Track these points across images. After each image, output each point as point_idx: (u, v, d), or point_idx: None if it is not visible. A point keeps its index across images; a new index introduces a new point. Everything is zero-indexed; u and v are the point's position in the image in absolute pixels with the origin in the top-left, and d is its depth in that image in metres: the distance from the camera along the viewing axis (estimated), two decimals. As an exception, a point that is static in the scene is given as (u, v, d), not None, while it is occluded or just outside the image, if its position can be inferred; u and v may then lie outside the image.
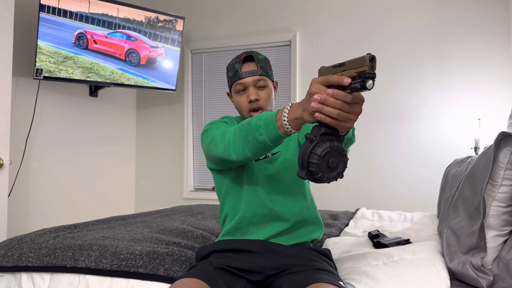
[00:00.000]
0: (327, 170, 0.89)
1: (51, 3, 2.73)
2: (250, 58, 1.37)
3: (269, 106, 1.36)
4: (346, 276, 1.27)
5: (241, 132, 1.11)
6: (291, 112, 0.99)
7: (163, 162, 3.85)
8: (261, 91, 1.35)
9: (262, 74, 1.36)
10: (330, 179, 0.91)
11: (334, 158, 0.90)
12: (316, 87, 0.89)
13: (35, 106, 2.89)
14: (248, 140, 1.09)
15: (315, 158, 0.88)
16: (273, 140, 1.05)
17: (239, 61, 1.36)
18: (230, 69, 1.39)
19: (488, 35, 2.96)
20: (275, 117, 1.02)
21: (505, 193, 1.21)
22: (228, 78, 1.40)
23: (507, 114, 2.73)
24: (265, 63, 1.38)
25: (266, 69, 1.37)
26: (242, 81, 1.35)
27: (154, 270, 1.33)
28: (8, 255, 1.49)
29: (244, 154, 1.12)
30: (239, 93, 1.36)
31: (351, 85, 0.85)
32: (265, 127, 1.04)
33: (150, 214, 2.26)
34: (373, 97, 3.21)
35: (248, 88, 1.35)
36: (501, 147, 1.22)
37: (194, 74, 3.78)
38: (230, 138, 1.16)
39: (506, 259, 1.15)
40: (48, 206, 3.01)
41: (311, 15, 3.41)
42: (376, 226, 2.05)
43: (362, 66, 0.83)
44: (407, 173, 3.11)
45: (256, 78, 1.34)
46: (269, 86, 1.37)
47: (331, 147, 0.89)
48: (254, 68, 1.35)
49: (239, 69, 1.35)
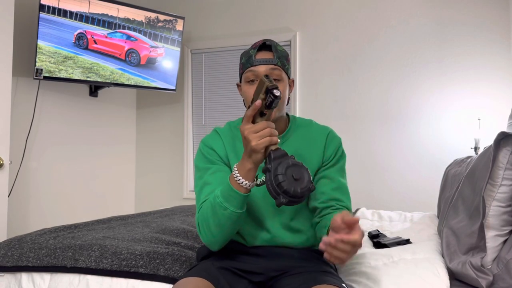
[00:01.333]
0: (296, 182, 0.96)
1: (51, 3, 2.73)
2: (267, 46, 1.23)
3: (281, 103, 1.22)
4: (346, 277, 1.27)
5: (214, 223, 1.11)
6: (240, 169, 1.07)
7: (163, 162, 3.85)
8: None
9: (278, 64, 1.21)
10: (304, 190, 0.97)
11: (295, 170, 0.98)
12: (249, 133, 1.01)
13: (35, 106, 2.89)
14: (222, 224, 1.10)
15: (280, 178, 0.96)
16: (240, 205, 1.09)
17: (255, 48, 1.23)
18: (243, 56, 1.25)
19: (488, 35, 2.96)
20: (229, 185, 1.08)
21: (505, 193, 1.21)
22: (240, 66, 1.27)
23: (507, 114, 2.72)
24: (284, 55, 1.24)
25: (284, 62, 1.23)
26: (254, 69, 1.20)
27: (154, 270, 1.33)
28: (8, 255, 1.49)
29: (223, 237, 1.13)
30: (248, 82, 1.22)
31: (266, 103, 1.02)
32: (226, 200, 1.08)
33: (150, 214, 2.26)
34: (373, 97, 3.22)
35: (259, 78, 1.20)
36: (501, 147, 1.22)
37: (194, 74, 3.78)
38: (206, 233, 1.14)
39: (506, 259, 1.15)
40: (48, 206, 3.01)
41: (311, 15, 3.41)
42: (376, 226, 2.05)
43: (263, 86, 1.02)
44: (407, 173, 3.11)
45: (271, 67, 1.20)
46: (284, 80, 1.22)
47: (287, 164, 0.98)
48: (270, 56, 1.21)
49: (253, 55, 1.21)
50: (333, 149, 1.28)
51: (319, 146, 1.28)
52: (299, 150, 1.27)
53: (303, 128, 1.31)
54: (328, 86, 3.33)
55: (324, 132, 1.31)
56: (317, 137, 1.30)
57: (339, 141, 1.32)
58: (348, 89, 3.29)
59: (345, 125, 3.26)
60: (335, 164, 1.28)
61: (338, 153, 1.29)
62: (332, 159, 1.28)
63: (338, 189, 1.23)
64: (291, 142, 1.28)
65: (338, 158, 1.29)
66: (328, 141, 1.29)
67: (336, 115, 3.30)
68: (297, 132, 1.30)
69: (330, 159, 1.28)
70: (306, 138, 1.30)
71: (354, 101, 3.27)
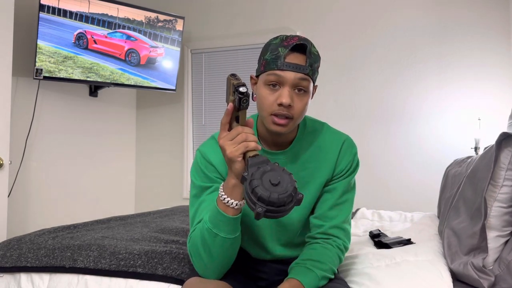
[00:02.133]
0: (273, 188, 0.83)
1: (51, 3, 2.72)
2: (302, 48, 1.03)
3: (301, 118, 1.06)
4: (348, 278, 1.26)
5: (205, 252, 1.01)
6: (225, 187, 0.96)
7: (163, 162, 3.84)
8: (299, 96, 1.03)
9: (309, 74, 1.03)
10: (283, 196, 0.82)
11: (273, 175, 0.85)
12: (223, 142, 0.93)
13: (35, 106, 2.89)
14: (213, 252, 1.00)
15: (255, 183, 0.83)
16: (232, 230, 0.98)
17: (287, 46, 1.02)
18: (270, 50, 1.04)
19: (488, 35, 2.95)
20: (217, 208, 0.97)
21: (507, 193, 1.20)
22: (262, 61, 1.06)
23: (507, 114, 2.72)
24: (317, 60, 1.05)
25: (315, 69, 1.05)
26: (281, 73, 1.01)
27: (153, 270, 1.32)
28: (7, 255, 1.49)
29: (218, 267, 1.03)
30: (269, 86, 1.03)
31: (236, 102, 0.93)
32: (214, 225, 0.97)
33: (149, 214, 2.26)
34: (373, 97, 3.21)
35: (284, 85, 1.02)
36: (502, 148, 1.21)
37: (194, 74, 3.78)
38: (199, 263, 1.04)
39: (507, 260, 1.15)
40: (48, 206, 3.01)
41: (311, 15, 3.40)
42: (376, 226, 2.05)
43: (231, 85, 0.93)
44: (407, 173, 3.11)
45: (300, 77, 1.01)
46: (309, 92, 1.05)
47: (265, 169, 0.86)
48: (302, 62, 1.02)
49: (282, 55, 1.01)
50: (347, 162, 1.15)
51: (331, 158, 1.14)
52: (307, 163, 1.13)
53: (313, 135, 1.16)
54: (328, 86, 3.32)
55: (338, 142, 1.16)
56: (329, 148, 1.15)
57: (354, 152, 1.17)
58: (348, 89, 3.28)
59: (345, 125, 3.25)
60: (346, 178, 1.15)
61: (351, 167, 1.16)
62: (344, 174, 1.15)
63: (336, 206, 1.13)
64: (299, 153, 1.14)
65: (350, 172, 1.16)
66: (342, 153, 1.14)
67: (336, 115, 3.29)
68: (307, 140, 1.15)
69: (342, 173, 1.15)
70: (316, 148, 1.15)
71: (354, 101, 3.26)
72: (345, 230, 1.15)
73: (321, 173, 1.13)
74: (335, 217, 1.13)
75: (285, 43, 1.02)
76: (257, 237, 1.16)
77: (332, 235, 1.12)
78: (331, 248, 1.11)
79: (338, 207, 1.14)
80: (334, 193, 1.14)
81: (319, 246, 1.10)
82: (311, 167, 1.14)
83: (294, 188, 0.84)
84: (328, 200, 1.14)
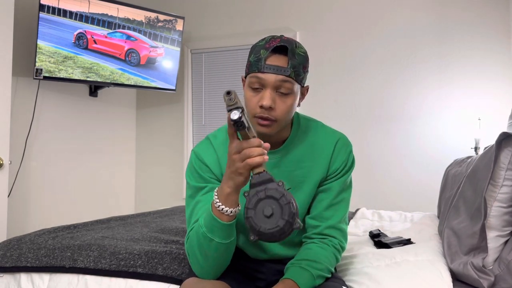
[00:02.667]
0: (265, 220, 0.84)
1: (51, 3, 2.72)
2: (283, 49, 1.01)
3: (285, 119, 1.05)
4: (347, 277, 1.26)
5: (201, 255, 1.01)
6: (219, 194, 0.96)
7: (163, 162, 3.84)
8: (282, 98, 1.02)
9: (291, 75, 1.01)
10: (272, 231, 0.83)
11: (267, 205, 0.85)
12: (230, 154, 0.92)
13: (35, 106, 2.89)
14: (209, 256, 1.01)
15: (249, 213, 0.85)
16: (227, 235, 0.98)
17: (268, 48, 1.01)
18: (254, 52, 1.04)
19: (488, 35, 2.95)
20: (211, 214, 0.97)
21: (506, 193, 1.20)
22: (247, 63, 1.06)
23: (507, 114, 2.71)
24: (301, 61, 1.03)
25: (299, 71, 1.03)
26: (261, 76, 1.01)
27: (153, 270, 1.32)
28: (7, 255, 1.49)
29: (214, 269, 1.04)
30: (251, 89, 1.04)
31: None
32: (209, 230, 0.98)
33: (149, 214, 2.26)
34: (373, 97, 3.21)
35: (265, 88, 1.02)
36: (502, 148, 1.21)
37: (194, 74, 3.78)
38: (195, 265, 1.04)
39: (507, 260, 1.15)
40: (48, 206, 3.01)
41: (311, 15, 3.40)
42: (376, 226, 2.05)
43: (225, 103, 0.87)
44: (407, 173, 3.11)
45: (280, 79, 1.00)
46: (293, 94, 1.03)
47: (261, 195, 0.85)
48: (283, 64, 1.01)
49: (263, 57, 1.01)
50: (341, 161, 1.13)
51: (325, 157, 1.13)
52: (302, 162, 1.13)
53: (307, 134, 1.16)
54: (328, 86, 3.32)
55: (332, 141, 1.15)
56: (323, 146, 1.14)
57: (349, 151, 1.16)
58: (348, 89, 3.28)
59: (345, 125, 3.24)
60: (341, 177, 1.14)
61: (346, 165, 1.14)
62: (338, 173, 1.14)
63: (331, 206, 1.13)
64: (292, 152, 1.13)
65: (345, 171, 1.14)
66: (335, 152, 1.13)
67: (336, 115, 3.29)
68: (301, 139, 1.15)
69: (336, 172, 1.14)
70: (310, 147, 1.14)
71: (354, 101, 3.26)
72: (342, 230, 1.15)
73: (316, 172, 1.13)
74: (331, 217, 1.13)
75: (267, 45, 1.02)
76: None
77: (328, 235, 1.12)
78: (327, 248, 1.10)
79: (334, 207, 1.13)
80: (330, 193, 1.14)
81: (315, 246, 1.10)
82: (305, 166, 1.13)
83: (290, 218, 0.83)
84: (323, 200, 1.14)
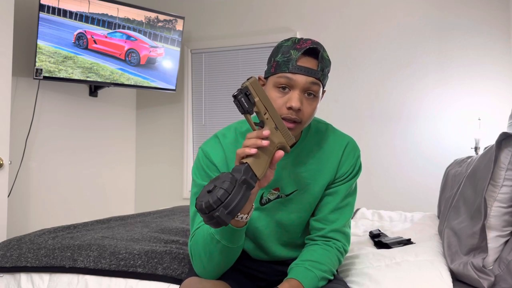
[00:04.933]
0: (204, 194, 0.85)
1: (51, 3, 2.72)
2: (314, 52, 1.02)
3: (309, 122, 1.06)
4: (348, 278, 1.26)
5: (206, 256, 1.01)
6: None
7: (163, 162, 3.84)
8: (308, 100, 1.03)
9: (320, 78, 1.02)
10: (200, 203, 0.84)
11: (213, 183, 0.86)
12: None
13: (35, 106, 2.89)
14: (214, 257, 1.01)
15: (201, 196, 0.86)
16: (236, 239, 0.99)
17: (299, 49, 1.01)
18: (281, 52, 1.03)
19: (488, 35, 2.95)
20: None
21: (506, 193, 1.20)
22: (272, 62, 1.04)
23: (508, 114, 2.72)
24: (327, 65, 1.05)
25: (325, 74, 1.05)
26: (292, 76, 1.00)
27: (153, 270, 1.32)
28: (7, 255, 1.49)
29: (216, 270, 1.04)
30: (278, 88, 1.02)
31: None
32: (218, 232, 0.97)
33: (149, 214, 2.25)
34: (373, 97, 3.21)
35: (294, 89, 1.01)
36: (502, 148, 1.21)
37: (194, 74, 3.78)
38: (198, 265, 1.04)
39: (507, 260, 1.15)
40: (47, 206, 3.01)
41: (311, 15, 3.40)
42: (376, 226, 2.05)
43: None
44: (407, 173, 3.11)
45: (311, 81, 1.01)
46: (318, 97, 1.05)
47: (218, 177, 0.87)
48: (314, 66, 1.01)
49: (295, 58, 1.00)
50: (349, 165, 1.14)
51: (334, 161, 1.13)
52: (310, 164, 1.13)
53: (317, 136, 1.16)
54: (328, 86, 3.32)
55: (341, 144, 1.15)
56: (332, 149, 1.14)
57: (357, 155, 1.16)
58: (348, 89, 3.28)
59: (345, 125, 3.25)
60: (348, 181, 1.15)
61: (354, 170, 1.15)
62: (346, 177, 1.14)
63: (337, 210, 1.13)
64: (302, 154, 1.13)
65: (353, 175, 1.15)
66: (344, 156, 1.14)
67: (336, 115, 3.29)
68: (310, 141, 1.15)
69: (344, 176, 1.14)
70: (320, 149, 1.14)
71: (354, 101, 3.27)
72: (345, 234, 1.15)
73: (323, 175, 1.13)
74: (335, 220, 1.13)
75: (298, 46, 1.01)
76: (256, 238, 1.16)
77: (332, 238, 1.12)
78: (331, 250, 1.10)
79: (339, 210, 1.14)
80: (336, 196, 1.14)
81: (318, 248, 1.10)
82: (313, 168, 1.13)
83: (214, 203, 0.82)
84: (329, 203, 1.14)
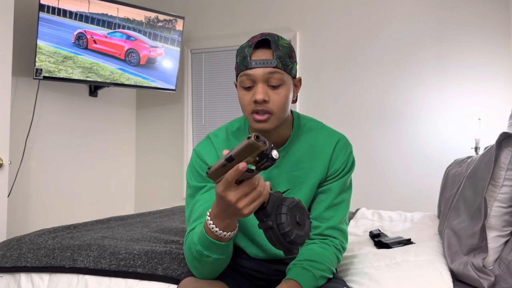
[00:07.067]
0: (296, 226, 0.84)
1: (51, 3, 2.72)
2: (265, 43, 1.03)
3: (282, 112, 1.05)
4: (348, 277, 1.26)
5: (198, 265, 1.01)
6: (218, 224, 0.91)
7: (163, 162, 3.84)
8: (274, 91, 1.03)
9: (278, 66, 1.02)
10: (299, 238, 0.84)
11: (299, 213, 0.86)
12: (238, 201, 0.84)
13: (35, 106, 2.89)
14: (206, 266, 1.00)
15: (283, 218, 0.84)
16: (224, 251, 0.97)
17: (251, 45, 1.03)
18: (238, 54, 1.06)
19: (488, 35, 2.95)
20: (207, 236, 0.93)
21: (507, 193, 1.20)
22: (235, 65, 1.07)
23: (508, 114, 2.71)
24: (286, 51, 1.04)
25: (286, 60, 1.03)
26: (250, 72, 1.02)
27: (153, 270, 1.32)
28: (7, 255, 1.49)
29: (211, 274, 1.04)
30: (244, 88, 1.05)
31: (261, 165, 0.82)
32: (206, 249, 0.95)
33: (149, 214, 2.25)
34: (373, 97, 3.21)
35: (256, 83, 1.03)
36: (503, 148, 1.21)
37: (194, 74, 3.78)
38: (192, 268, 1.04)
39: (508, 260, 1.15)
40: (47, 206, 3.01)
41: (311, 15, 3.40)
42: (376, 226, 2.05)
43: (257, 149, 0.79)
44: (407, 173, 3.11)
45: (269, 71, 1.01)
46: (285, 85, 1.04)
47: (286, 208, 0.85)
48: (269, 56, 1.02)
49: (248, 54, 1.02)
50: (341, 162, 1.14)
51: (325, 158, 1.13)
52: (301, 163, 1.12)
53: (308, 134, 1.16)
54: (328, 86, 3.32)
55: (332, 141, 1.15)
56: (323, 147, 1.14)
57: (349, 152, 1.15)
58: (348, 89, 3.28)
59: (345, 125, 3.25)
60: (341, 178, 1.14)
61: (346, 166, 1.15)
62: (338, 174, 1.14)
63: (332, 207, 1.13)
64: (293, 152, 1.13)
65: (345, 172, 1.15)
66: (335, 153, 1.13)
67: (336, 115, 3.29)
68: (301, 139, 1.15)
69: (337, 173, 1.14)
70: (310, 147, 1.14)
71: (354, 101, 3.26)
72: (342, 231, 1.15)
73: (315, 173, 1.13)
74: (331, 218, 1.13)
75: (250, 43, 1.05)
76: (255, 237, 1.16)
77: (329, 235, 1.12)
78: (329, 248, 1.10)
79: (334, 207, 1.14)
80: (330, 193, 1.14)
81: (316, 247, 1.10)
82: (305, 167, 1.13)
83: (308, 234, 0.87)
84: (323, 200, 1.14)
